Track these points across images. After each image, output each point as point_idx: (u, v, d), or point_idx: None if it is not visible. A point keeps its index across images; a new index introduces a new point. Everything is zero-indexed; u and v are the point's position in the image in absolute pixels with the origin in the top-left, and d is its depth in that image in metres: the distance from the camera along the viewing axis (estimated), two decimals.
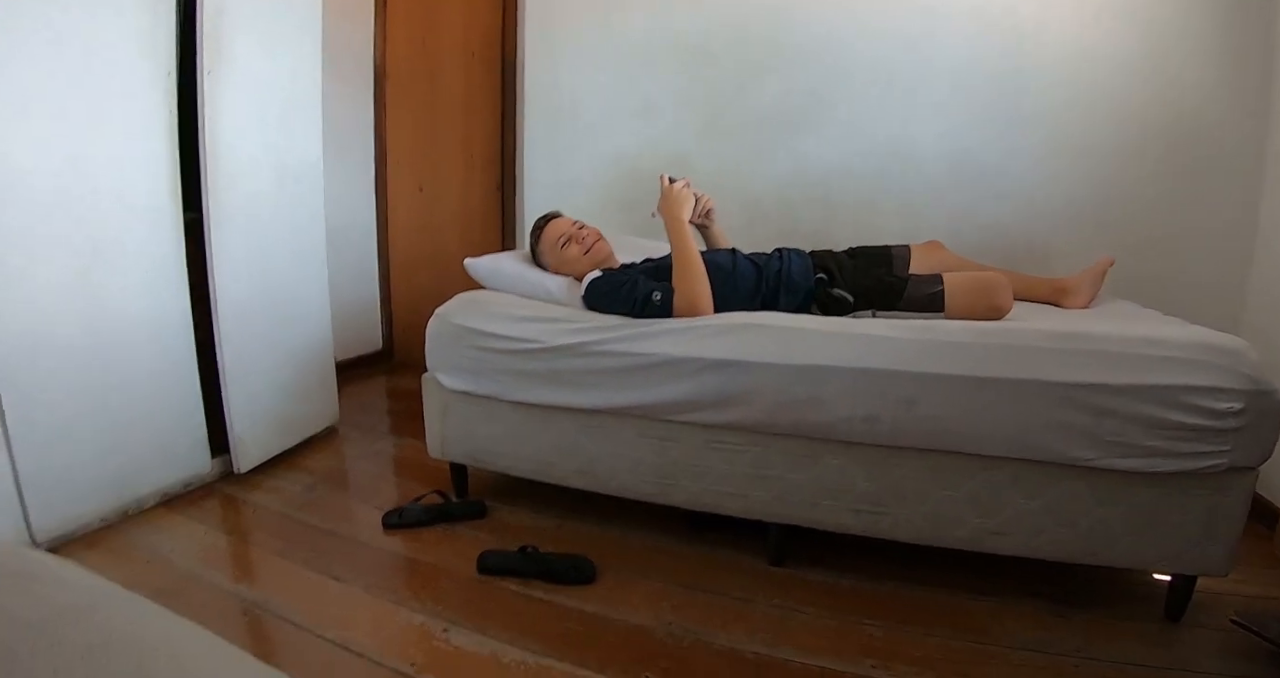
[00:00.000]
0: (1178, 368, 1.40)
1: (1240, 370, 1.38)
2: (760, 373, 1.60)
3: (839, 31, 2.66)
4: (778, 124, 2.76)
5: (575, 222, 2.14)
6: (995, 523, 1.51)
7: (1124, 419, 1.41)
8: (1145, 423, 1.41)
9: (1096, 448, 1.44)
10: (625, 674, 1.29)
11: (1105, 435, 1.43)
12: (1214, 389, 1.38)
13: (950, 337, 1.54)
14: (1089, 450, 1.44)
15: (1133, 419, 1.41)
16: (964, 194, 2.56)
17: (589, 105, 3.04)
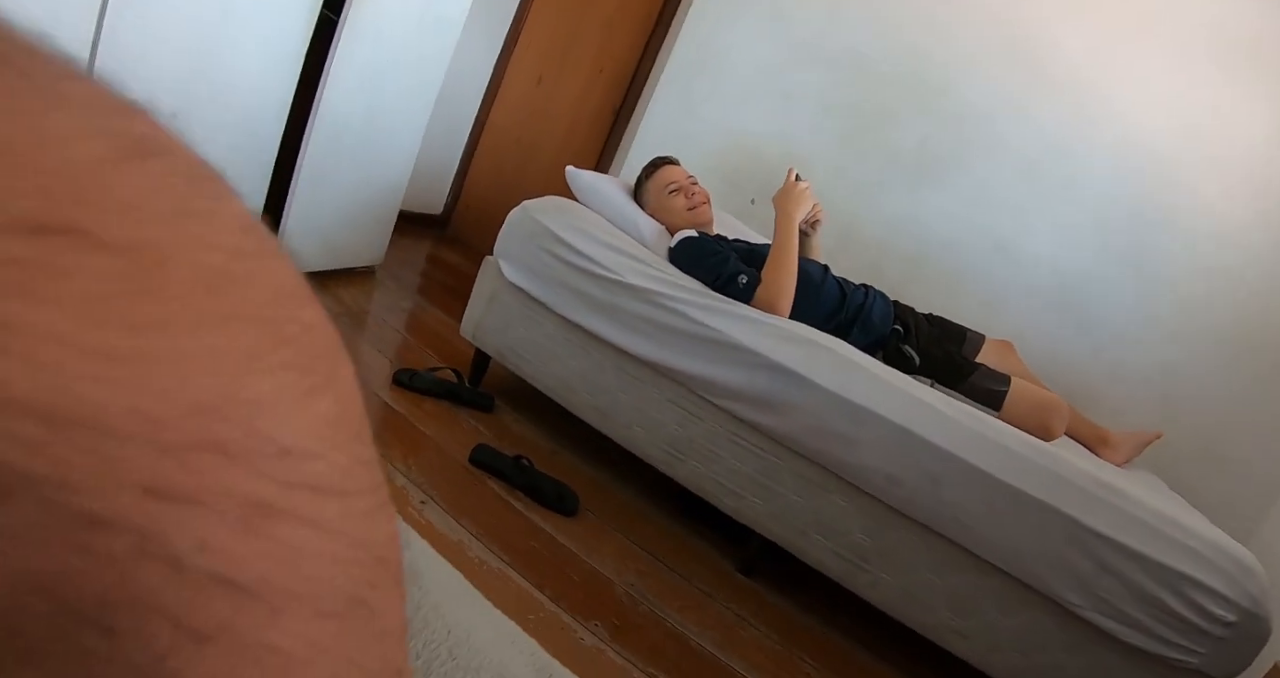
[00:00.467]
0: (1193, 560, 1.41)
1: (1247, 587, 1.40)
2: (810, 392, 1.59)
3: (1000, 106, 2.62)
4: (907, 166, 2.73)
5: (690, 176, 2.11)
6: (962, 624, 1.52)
7: (1123, 582, 1.42)
8: (1140, 595, 1.42)
9: (1085, 597, 1.45)
10: (577, 613, 1.29)
11: (1099, 589, 1.44)
12: (1217, 594, 1.39)
13: (1000, 438, 1.54)
14: (1078, 596, 1.45)
15: (1130, 586, 1.42)
16: (1050, 311, 2.55)
17: (734, 71, 2.98)
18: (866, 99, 2.79)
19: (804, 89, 2.88)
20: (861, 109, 2.80)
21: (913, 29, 2.74)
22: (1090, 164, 2.53)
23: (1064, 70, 2.56)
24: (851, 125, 2.81)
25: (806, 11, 2.87)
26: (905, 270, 2.69)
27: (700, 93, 3.05)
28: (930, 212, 2.70)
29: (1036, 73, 2.59)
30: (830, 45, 2.85)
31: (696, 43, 3.06)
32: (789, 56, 2.91)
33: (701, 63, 3.05)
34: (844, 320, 1.87)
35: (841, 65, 2.83)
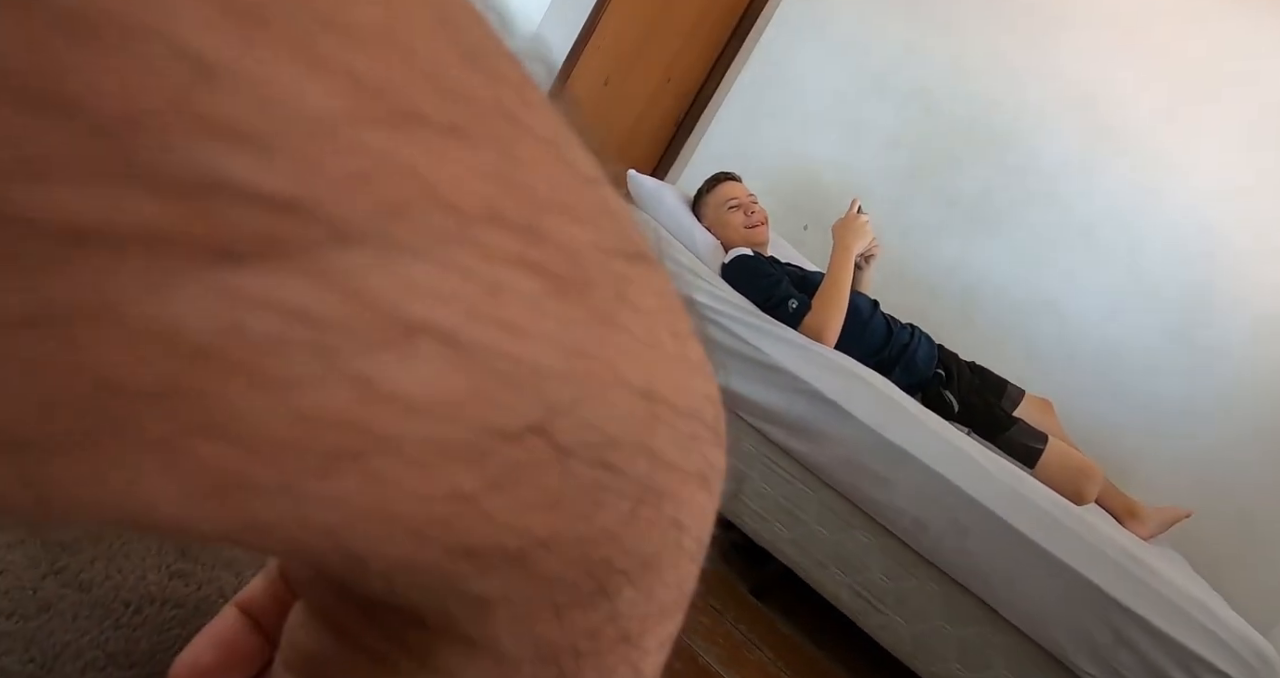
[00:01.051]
0: (1214, 645, 1.39)
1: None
2: (848, 425, 1.58)
3: (1065, 164, 2.61)
4: (966, 212, 2.71)
5: (750, 194, 2.11)
6: (969, 677, 1.51)
7: (1139, 658, 1.40)
8: (1155, 673, 1.40)
9: (1099, 667, 1.43)
10: None
11: (1113, 661, 1.42)
12: None
13: (1034, 496, 1.53)
14: (1091, 665, 1.43)
15: (1146, 663, 1.40)
16: (1092, 375, 2.52)
17: (803, 96, 2.98)
18: (933, 140, 2.79)
19: (871, 122, 2.88)
20: (927, 149, 2.79)
21: (987, 75, 2.73)
22: (1150, 233, 2.51)
23: (1134, 136, 2.54)
24: (915, 164, 2.80)
25: (884, 45, 2.87)
26: (951, 316, 2.68)
27: (766, 113, 3.05)
28: (983, 260, 2.68)
29: (1106, 135, 2.58)
30: (903, 82, 2.84)
31: (769, 62, 3.07)
32: (860, 87, 2.90)
33: (771, 83, 3.05)
34: (887, 358, 1.86)
35: (912, 103, 2.83)
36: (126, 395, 0.07)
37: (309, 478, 0.08)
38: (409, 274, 0.08)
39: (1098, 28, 2.60)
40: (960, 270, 2.70)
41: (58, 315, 0.06)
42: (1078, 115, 2.61)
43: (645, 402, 0.11)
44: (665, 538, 0.12)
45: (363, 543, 0.09)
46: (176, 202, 0.06)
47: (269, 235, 0.07)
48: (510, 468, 0.09)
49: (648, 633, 0.12)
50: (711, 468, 0.13)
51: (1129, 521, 2.02)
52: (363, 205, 0.07)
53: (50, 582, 0.26)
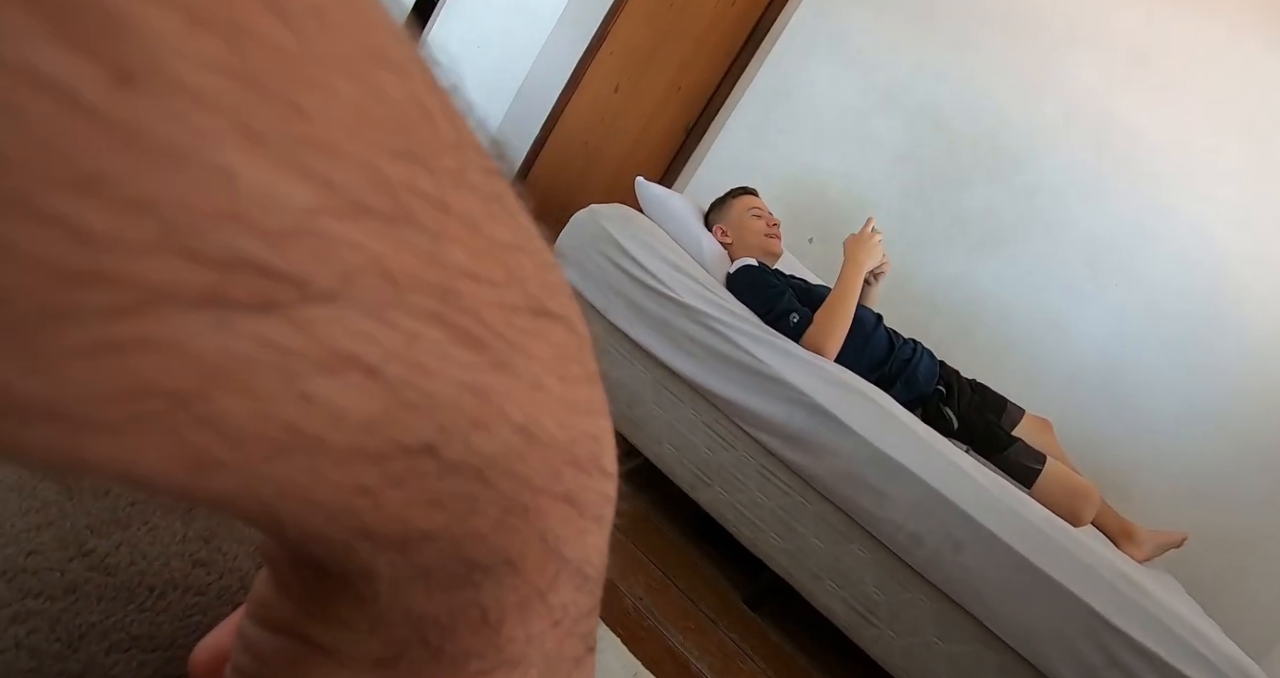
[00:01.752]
0: (1205, 669, 1.39)
1: None
2: (847, 438, 1.58)
3: (1072, 184, 2.62)
4: (971, 229, 2.72)
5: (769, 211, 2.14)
6: None
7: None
8: None
9: None
10: None
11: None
12: None
13: (1031, 514, 1.53)
14: None
15: None
16: (1092, 394, 2.52)
17: (812, 108, 2.99)
18: (941, 156, 2.80)
19: (880, 136, 2.89)
20: (934, 165, 2.80)
21: (998, 93, 2.74)
22: (1154, 255, 2.52)
23: (1143, 160, 2.55)
24: (922, 180, 2.81)
25: (895, 60, 2.88)
26: (952, 332, 2.68)
27: (775, 124, 3.06)
28: (986, 278, 2.69)
29: (1115, 157, 2.59)
30: (913, 97, 2.85)
31: (780, 74, 3.08)
32: (870, 102, 2.92)
33: (781, 94, 3.06)
34: (889, 373, 1.86)
35: (921, 119, 2.84)
36: (160, 396, 0.09)
37: (260, 463, 0.11)
38: (350, 323, 0.10)
39: (1110, 51, 2.61)
40: (964, 287, 2.71)
41: (124, 342, 0.09)
42: (1087, 137, 2.63)
43: (519, 435, 0.13)
44: (527, 544, 0.14)
45: (288, 515, 0.11)
46: (211, 271, 0.09)
47: (265, 295, 0.10)
48: (405, 473, 0.12)
49: (506, 621, 0.14)
50: (584, 490, 0.15)
51: (1124, 543, 2.02)
52: (326, 274, 0.10)
53: (77, 564, 0.27)
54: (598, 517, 0.16)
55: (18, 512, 0.28)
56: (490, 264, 0.12)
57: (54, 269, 0.08)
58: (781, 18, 3.13)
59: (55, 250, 0.08)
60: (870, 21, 2.93)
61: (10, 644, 0.25)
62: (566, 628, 0.16)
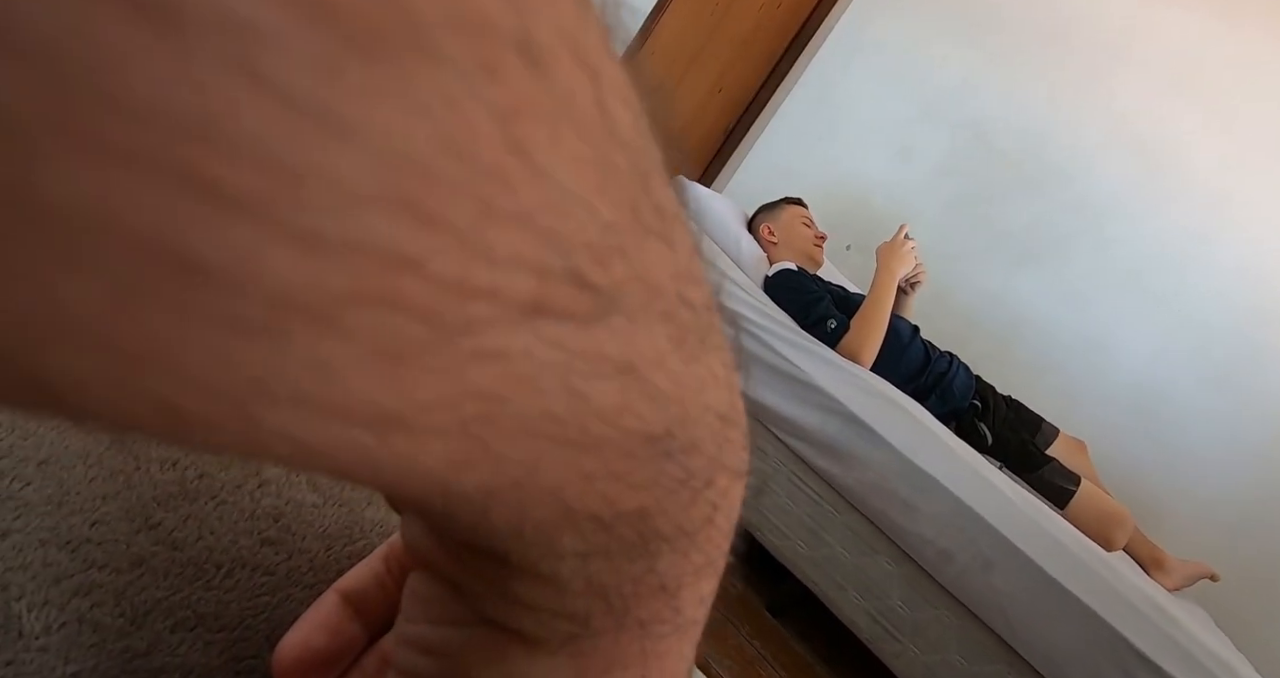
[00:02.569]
0: None
1: None
2: (880, 449, 1.56)
3: (1117, 204, 2.57)
4: (1011, 246, 2.68)
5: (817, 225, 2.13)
6: None
7: None
8: None
9: None
10: None
11: None
12: None
13: (1065, 537, 1.50)
14: None
15: None
16: (1129, 418, 2.47)
17: (855, 116, 2.96)
18: (983, 170, 2.76)
19: (922, 147, 2.85)
20: (976, 178, 2.76)
21: (1043, 110, 2.70)
22: (1199, 279, 2.46)
23: (1191, 178, 2.50)
24: (963, 193, 2.77)
25: (942, 72, 2.84)
26: (989, 348, 2.64)
27: (817, 130, 3.04)
28: (1025, 295, 2.64)
29: (1162, 175, 2.53)
30: (958, 111, 2.82)
31: (823, 80, 3.05)
32: (912, 112, 2.88)
33: (824, 100, 3.04)
34: (924, 385, 1.83)
35: (964, 132, 2.80)
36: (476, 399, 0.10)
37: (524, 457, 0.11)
38: (620, 326, 0.11)
39: (1159, 68, 2.56)
40: (1002, 303, 2.67)
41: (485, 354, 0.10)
42: (1132, 155, 2.57)
43: (718, 421, 0.14)
44: (702, 515, 0.15)
45: (508, 503, 0.12)
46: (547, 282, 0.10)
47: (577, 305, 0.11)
48: (625, 460, 0.12)
49: (683, 588, 0.15)
50: (743, 464, 0.16)
51: (1155, 570, 1.97)
52: (626, 288, 0.11)
53: (143, 537, 0.26)
54: (745, 480, 0.17)
55: (84, 480, 0.27)
56: (695, 266, 0.14)
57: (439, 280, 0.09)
58: (825, 23, 3.11)
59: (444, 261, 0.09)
60: (913, 32, 2.90)
61: (73, 617, 0.24)
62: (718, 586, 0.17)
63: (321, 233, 0.08)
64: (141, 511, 0.27)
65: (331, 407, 0.09)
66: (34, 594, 0.24)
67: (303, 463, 0.09)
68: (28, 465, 0.26)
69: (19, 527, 0.25)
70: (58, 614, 0.24)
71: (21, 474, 0.26)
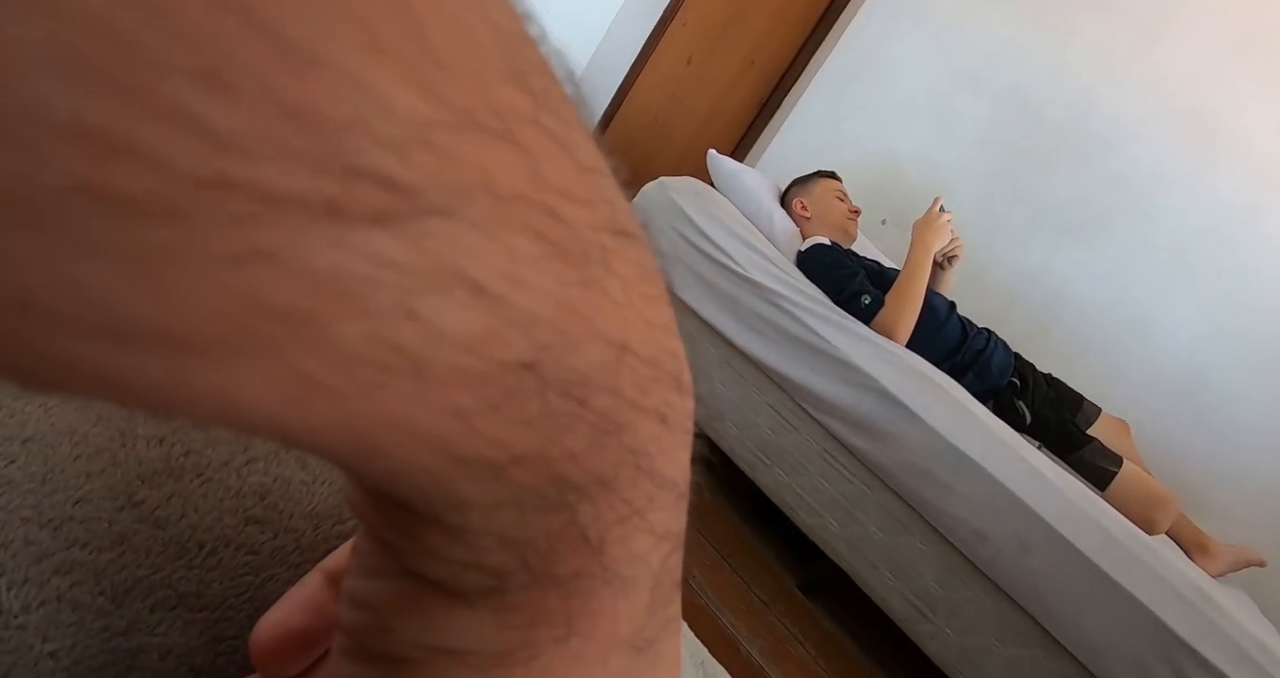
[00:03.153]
0: None
1: None
2: (915, 427, 1.53)
3: (1166, 175, 2.47)
4: (1054, 219, 2.60)
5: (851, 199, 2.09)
6: None
7: None
8: None
9: None
10: None
11: None
12: None
13: (1105, 520, 1.46)
14: None
15: None
16: (1174, 399, 2.40)
17: (891, 87, 2.89)
18: (1026, 140, 2.67)
19: (962, 118, 2.77)
20: (1019, 150, 2.67)
21: (1088, 77, 2.60)
22: (1250, 255, 2.37)
23: (1244, 150, 2.40)
24: (1004, 165, 2.69)
25: (981, 38, 2.75)
26: (1030, 326, 2.57)
27: (852, 102, 2.97)
28: (1068, 270, 2.57)
29: (1214, 147, 2.43)
30: (999, 78, 2.73)
31: (858, 50, 2.98)
32: (953, 82, 2.80)
33: (859, 71, 2.96)
34: (961, 362, 1.79)
35: (1006, 100, 2.71)
36: (269, 318, 0.09)
37: (365, 389, 0.10)
38: (460, 237, 0.10)
39: (1213, 31, 2.45)
40: (1043, 280, 2.60)
41: (245, 257, 0.09)
42: (1184, 124, 2.47)
43: (613, 350, 0.13)
44: (621, 462, 0.14)
45: (382, 447, 0.11)
46: (334, 181, 0.09)
47: (381, 207, 0.09)
48: (502, 394, 0.11)
49: (608, 540, 0.14)
50: (670, 408, 0.15)
51: (1198, 555, 1.92)
52: (440, 187, 0.10)
53: (126, 515, 0.25)
54: (685, 432, 0.16)
55: (68, 457, 0.26)
56: (579, 184, 0.13)
57: (175, 171, 0.08)
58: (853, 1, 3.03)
59: (179, 150, 0.08)
60: None
61: (52, 596, 0.24)
62: (670, 546, 0.16)
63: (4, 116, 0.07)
64: (125, 488, 0.26)
65: (91, 324, 0.08)
66: (14, 573, 0.23)
67: (105, 396, 0.09)
68: (12, 443, 0.25)
69: (1, 505, 0.24)
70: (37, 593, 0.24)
71: (5, 452, 0.25)
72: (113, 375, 0.09)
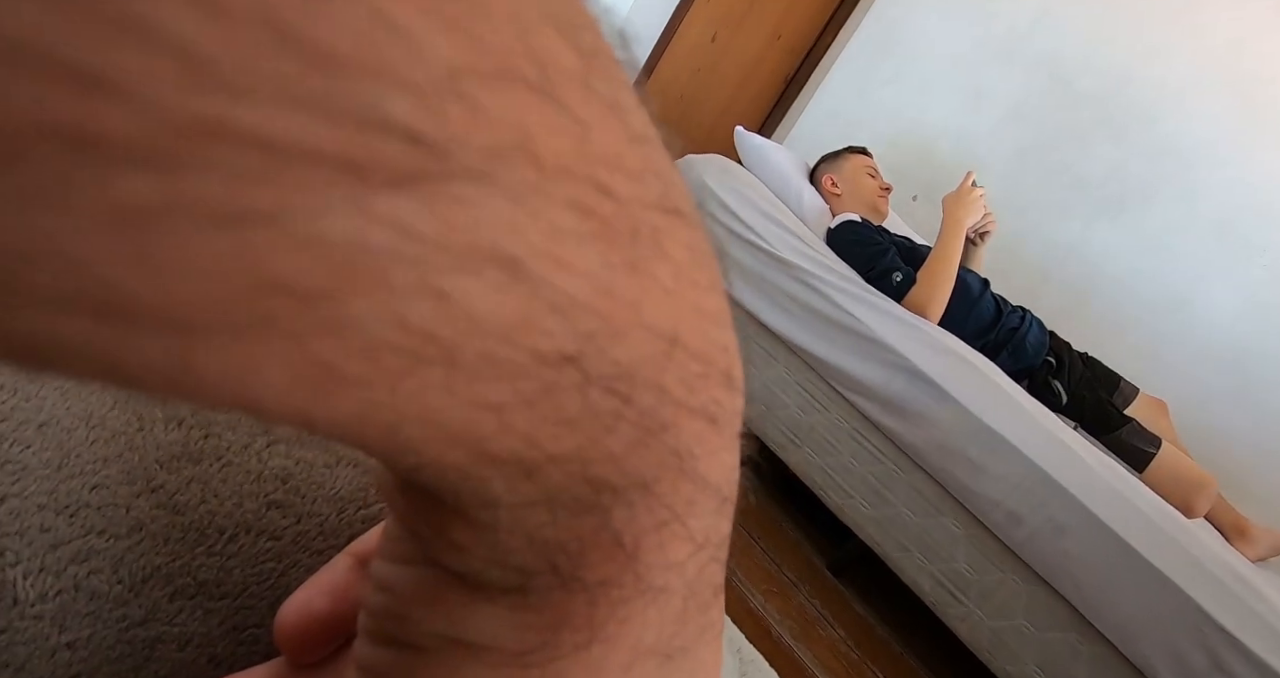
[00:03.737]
0: None
1: None
2: (948, 407, 1.51)
3: (1207, 148, 2.39)
4: (1090, 194, 2.54)
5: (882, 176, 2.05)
6: None
7: None
8: None
9: None
10: None
11: None
12: None
13: (1140, 502, 1.43)
14: None
15: None
16: (1215, 380, 2.34)
17: (920, 59, 2.82)
18: (1060, 113, 2.60)
19: (994, 90, 2.70)
20: (1053, 122, 2.61)
21: (1126, 46, 2.52)
22: None
23: None
24: (1038, 138, 2.63)
25: (1013, 6, 2.68)
26: (1064, 303, 2.52)
27: (880, 76, 2.91)
28: (1105, 247, 2.51)
29: (1258, 119, 2.35)
30: (1033, 48, 2.66)
31: (886, 22, 2.91)
32: (985, 53, 2.73)
33: (887, 44, 2.90)
34: (994, 341, 1.76)
35: (1040, 72, 2.64)
36: (278, 294, 0.08)
37: (389, 378, 0.09)
38: (494, 209, 0.09)
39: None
40: (1079, 256, 2.54)
41: (245, 219, 0.07)
42: (1226, 95, 2.39)
43: (662, 342, 0.12)
44: (664, 464, 0.13)
45: (408, 441, 0.10)
46: (351, 132, 0.08)
47: (404, 166, 0.08)
48: (540, 388, 0.10)
49: (643, 547, 0.13)
50: (719, 406, 0.14)
51: (1237, 539, 1.88)
52: (474, 147, 0.09)
53: (144, 501, 0.25)
54: (733, 433, 0.15)
55: (84, 442, 0.25)
56: (630, 154, 0.11)
57: (157, 109, 0.07)
58: None
59: (169, 88, 0.07)
60: None
61: (69, 584, 0.23)
62: (710, 554, 0.15)
63: None
64: (143, 473, 0.25)
65: (69, 294, 0.07)
66: (30, 561, 0.23)
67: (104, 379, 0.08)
68: (28, 428, 0.25)
69: (17, 491, 0.24)
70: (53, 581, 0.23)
71: (21, 438, 0.24)
72: (103, 355, 0.08)
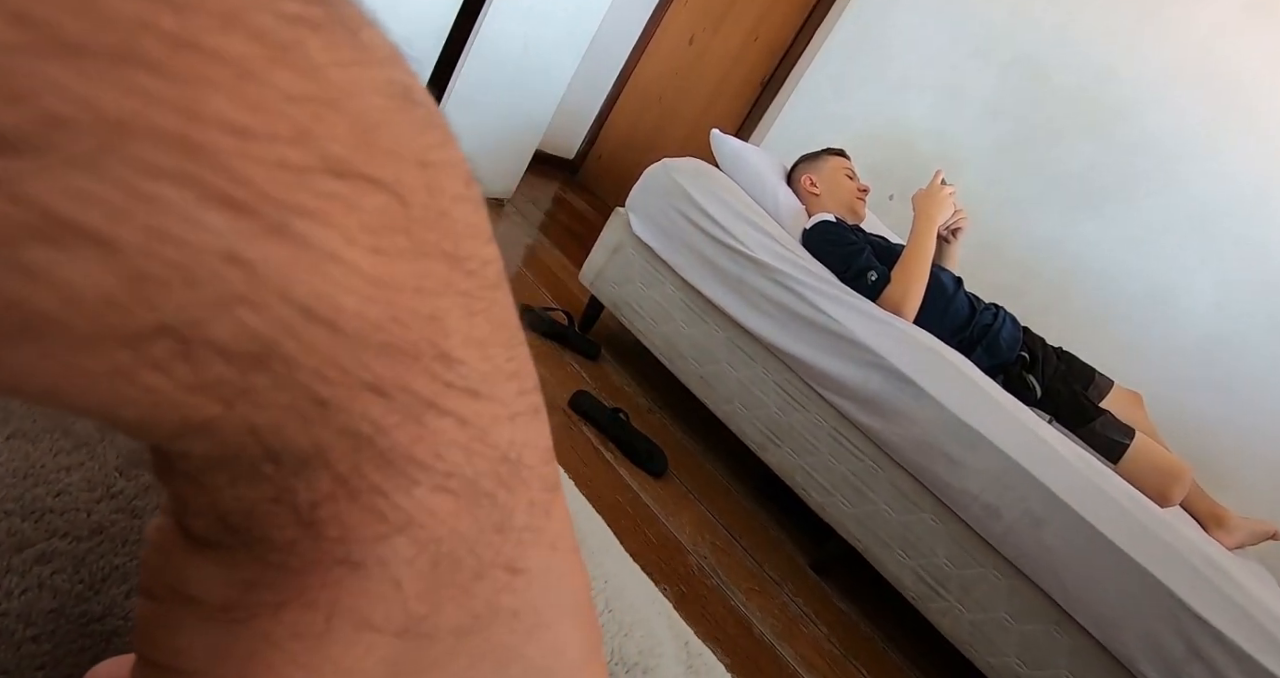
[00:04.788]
0: None
1: None
2: (924, 404, 1.53)
3: (1183, 142, 2.43)
4: (1068, 189, 2.57)
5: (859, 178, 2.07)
6: (1029, 674, 1.46)
7: (1213, 674, 1.33)
8: None
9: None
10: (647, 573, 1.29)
11: (1184, 674, 1.35)
12: None
13: (1115, 493, 1.45)
14: (1159, 675, 1.37)
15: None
16: (1192, 371, 2.38)
17: (896, 58, 2.85)
18: (1037, 110, 2.63)
19: (970, 88, 2.73)
20: (1029, 120, 2.64)
21: (1101, 43, 2.55)
22: (1270, 223, 2.33)
23: (1262, 117, 2.35)
24: (1015, 135, 2.66)
25: (987, 6, 2.71)
26: (1045, 298, 2.55)
27: (856, 76, 2.93)
28: (1084, 242, 2.54)
29: (1232, 113, 2.39)
30: (1007, 46, 2.69)
31: (861, 22, 2.94)
32: (960, 51, 2.76)
33: (863, 44, 2.93)
34: (969, 338, 1.78)
35: (1016, 70, 2.67)
36: None
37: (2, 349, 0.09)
38: (64, 181, 0.09)
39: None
40: (1058, 250, 2.57)
41: None
42: (1198, 91, 2.43)
43: (301, 315, 0.11)
44: (337, 438, 0.13)
45: (62, 402, 0.11)
46: None
47: None
48: (166, 357, 0.10)
49: (321, 517, 0.13)
50: (414, 378, 0.13)
51: (1214, 528, 1.91)
52: (26, 119, 0.09)
53: (105, 505, 0.26)
54: (448, 411, 0.14)
55: (49, 452, 0.27)
56: (267, 117, 0.10)
57: None
58: None
59: None
60: None
61: (33, 583, 0.24)
62: (447, 530, 0.14)
63: None
64: (104, 480, 0.27)
65: None
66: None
67: None
68: None
69: None
70: (19, 581, 0.24)
71: None
72: None
